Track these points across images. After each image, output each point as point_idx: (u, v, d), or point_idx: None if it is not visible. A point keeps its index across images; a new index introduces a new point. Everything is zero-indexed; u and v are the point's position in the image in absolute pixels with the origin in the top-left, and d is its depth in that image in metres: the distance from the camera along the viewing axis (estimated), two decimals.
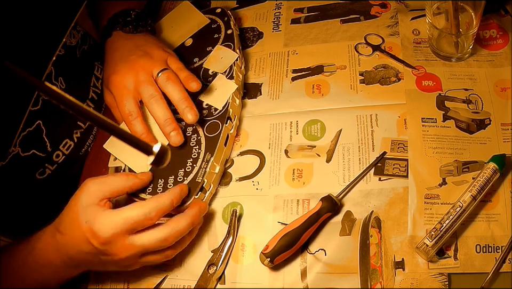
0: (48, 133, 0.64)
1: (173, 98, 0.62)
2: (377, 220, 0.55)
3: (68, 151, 0.69)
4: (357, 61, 0.68)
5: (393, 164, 0.58)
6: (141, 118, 0.63)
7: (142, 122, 0.62)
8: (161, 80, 0.63)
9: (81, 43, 0.70)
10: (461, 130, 0.58)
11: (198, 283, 0.56)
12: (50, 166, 0.66)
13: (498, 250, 0.50)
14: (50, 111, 0.63)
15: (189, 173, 0.60)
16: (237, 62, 0.67)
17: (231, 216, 0.58)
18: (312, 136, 0.63)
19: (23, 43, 0.56)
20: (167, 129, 0.62)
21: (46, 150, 0.64)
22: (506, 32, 0.64)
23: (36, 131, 0.62)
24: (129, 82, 0.63)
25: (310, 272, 0.54)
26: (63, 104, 0.37)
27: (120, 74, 0.64)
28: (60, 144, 0.67)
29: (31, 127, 0.61)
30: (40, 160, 0.64)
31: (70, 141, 0.69)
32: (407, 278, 0.51)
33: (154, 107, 0.62)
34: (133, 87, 0.63)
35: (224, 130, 0.62)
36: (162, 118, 0.61)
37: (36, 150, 0.63)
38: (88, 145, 0.73)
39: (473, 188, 0.51)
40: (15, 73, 0.36)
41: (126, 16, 0.69)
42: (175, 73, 0.64)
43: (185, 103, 0.62)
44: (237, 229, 0.59)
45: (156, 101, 0.62)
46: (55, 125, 0.65)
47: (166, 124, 0.61)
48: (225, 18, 0.73)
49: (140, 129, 0.62)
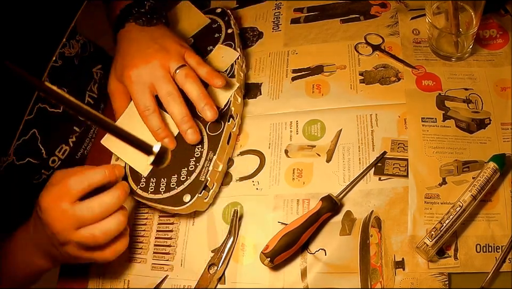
0: (43, 141, 0.64)
1: (192, 95, 0.61)
2: (377, 220, 0.55)
3: (64, 155, 0.69)
4: (357, 61, 0.68)
5: (393, 164, 0.58)
6: (158, 113, 0.62)
7: (158, 118, 0.61)
8: (179, 77, 0.61)
9: (81, 52, 0.70)
10: (461, 130, 0.58)
11: (198, 283, 0.56)
12: (47, 172, 0.67)
13: (498, 250, 0.50)
14: (45, 120, 0.63)
15: (192, 172, 0.60)
16: (238, 60, 0.67)
17: (232, 216, 0.58)
18: (312, 136, 0.63)
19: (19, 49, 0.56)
20: (184, 127, 0.61)
21: (41, 157, 0.64)
22: (506, 31, 0.64)
23: (30, 140, 0.62)
24: (146, 77, 0.61)
25: (310, 272, 0.54)
26: (63, 104, 0.37)
27: (137, 67, 0.62)
28: (56, 150, 0.67)
29: (26, 136, 0.61)
30: (36, 167, 0.64)
31: (66, 145, 0.69)
32: (407, 277, 0.51)
33: (172, 105, 0.61)
34: (150, 82, 0.62)
35: (227, 129, 0.62)
36: (179, 116, 0.61)
37: (30, 158, 0.63)
38: (84, 148, 0.73)
39: (473, 188, 0.51)
40: (15, 73, 0.36)
41: (140, 7, 0.67)
42: (193, 70, 0.63)
43: (204, 101, 0.61)
44: (238, 229, 0.59)
45: (173, 98, 0.61)
46: (50, 133, 0.64)
47: (183, 122, 0.61)
48: (226, 18, 0.73)
49: (156, 124, 0.61)
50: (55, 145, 0.67)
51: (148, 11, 0.67)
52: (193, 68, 0.63)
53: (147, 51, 0.63)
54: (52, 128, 0.64)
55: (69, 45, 0.66)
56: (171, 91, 0.61)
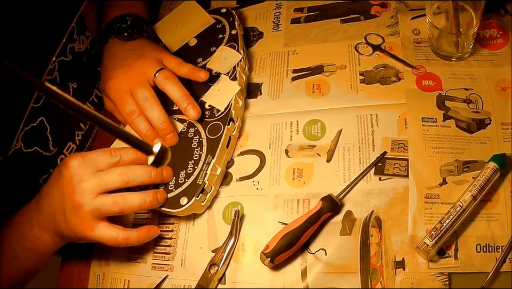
0: (52, 131, 0.64)
1: (174, 97, 0.63)
2: (377, 220, 0.55)
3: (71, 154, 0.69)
4: (357, 61, 0.68)
5: (394, 164, 0.58)
6: (143, 116, 0.63)
7: (145, 120, 0.63)
8: (159, 80, 0.63)
9: (90, 48, 0.70)
10: (461, 130, 0.58)
11: (199, 283, 0.56)
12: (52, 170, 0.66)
13: (498, 250, 0.50)
14: (53, 108, 0.63)
15: (190, 175, 0.60)
16: (240, 63, 0.67)
17: (234, 216, 0.58)
18: (313, 136, 0.63)
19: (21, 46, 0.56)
20: (163, 133, 0.62)
21: (48, 149, 0.64)
22: (506, 31, 0.64)
23: (39, 128, 0.62)
24: (125, 86, 0.63)
25: (310, 271, 0.54)
26: (63, 105, 0.37)
27: (116, 79, 0.64)
28: (64, 148, 0.67)
29: (35, 123, 0.61)
30: (44, 164, 0.64)
31: (73, 144, 0.69)
32: (407, 277, 0.51)
33: (149, 110, 0.62)
34: (129, 89, 0.63)
35: (226, 132, 0.62)
36: (157, 120, 0.62)
37: (38, 147, 0.63)
38: (87, 147, 0.73)
39: (474, 188, 0.51)
40: (15, 73, 0.36)
41: (121, 23, 0.69)
42: (172, 72, 0.64)
43: (187, 101, 0.62)
44: (239, 229, 0.59)
45: (150, 104, 0.62)
46: (58, 123, 0.65)
47: (161, 127, 0.62)
48: (230, 19, 0.73)
49: (143, 127, 0.63)
50: (63, 140, 0.68)
51: (130, 26, 0.69)
52: (174, 70, 0.65)
53: (125, 62, 0.65)
54: (60, 119, 0.64)
55: (79, 40, 0.67)
56: (148, 97, 0.62)
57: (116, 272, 0.62)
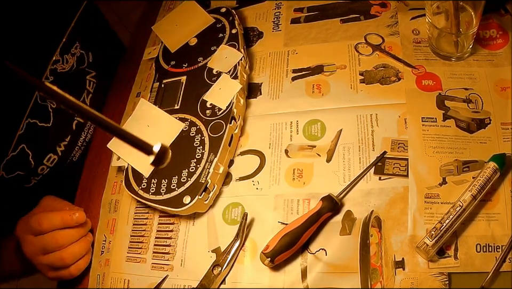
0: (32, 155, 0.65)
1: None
2: (377, 220, 0.55)
3: (53, 164, 0.70)
4: (357, 61, 0.68)
5: (394, 164, 0.58)
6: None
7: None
8: None
9: (77, 65, 0.70)
10: (461, 130, 0.58)
11: (201, 283, 0.56)
12: (36, 178, 0.68)
13: (498, 250, 0.50)
14: (34, 134, 0.64)
15: (193, 174, 0.60)
16: (241, 61, 0.67)
17: (242, 219, 0.58)
18: (313, 136, 0.63)
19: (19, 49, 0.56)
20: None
21: (29, 169, 0.66)
22: (506, 31, 0.64)
23: (19, 155, 0.63)
24: None
25: (310, 271, 0.54)
26: (63, 104, 0.37)
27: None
28: (44, 159, 0.68)
29: (15, 152, 0.62)
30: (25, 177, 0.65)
31: (54, 155, 0.70)
32: (407, 277, 0.51)
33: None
34: None
35: (229, 130, 0.62)
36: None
37: (20, 171, 0.65)
38: (73, 156, 0.74)
39: (474, 187, 0.51)
40: (15, 73, 0.36)
41: None
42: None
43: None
44: (247, 232, 0.58)
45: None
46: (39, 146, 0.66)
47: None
48: (230, 18, 0.73)
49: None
50: (43, 155, 0.68)
51: None
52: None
53: None
54: (40, 142, 0.65)
55: (63, 60, 0.67)
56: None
57: (116, 272, 0.62)
